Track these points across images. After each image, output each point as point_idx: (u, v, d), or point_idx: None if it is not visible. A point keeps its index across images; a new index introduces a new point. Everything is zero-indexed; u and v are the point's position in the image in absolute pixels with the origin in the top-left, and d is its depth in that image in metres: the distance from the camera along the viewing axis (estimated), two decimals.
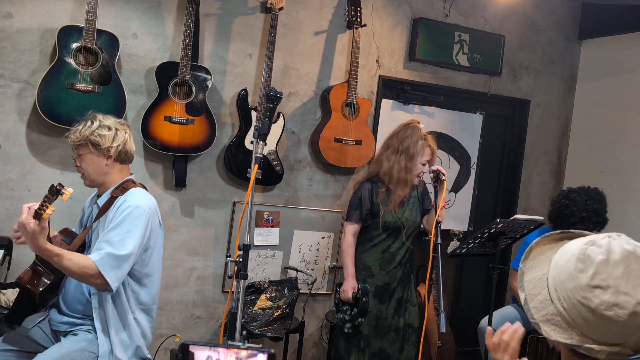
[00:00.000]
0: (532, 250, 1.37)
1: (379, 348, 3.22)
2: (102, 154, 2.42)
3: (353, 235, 3.31)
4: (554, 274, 1.27)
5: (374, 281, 3.24)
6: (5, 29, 3.21)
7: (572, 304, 1.22)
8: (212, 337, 3.84)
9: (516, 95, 4.62)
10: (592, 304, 1.19)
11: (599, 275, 1.19)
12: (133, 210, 2.34)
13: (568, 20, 4.73)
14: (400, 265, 3.25)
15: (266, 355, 1.61)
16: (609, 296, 1.17)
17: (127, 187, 2.46)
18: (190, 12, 3.36)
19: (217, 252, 3.79)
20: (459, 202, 4.48)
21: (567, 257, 1.26)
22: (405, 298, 3.29)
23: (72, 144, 2.46)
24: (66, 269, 2.22)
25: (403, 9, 4.15)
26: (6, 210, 3.30)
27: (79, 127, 2.44)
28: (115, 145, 2.43)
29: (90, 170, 2.45)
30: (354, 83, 3.79)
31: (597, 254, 1.21)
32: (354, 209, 3.31)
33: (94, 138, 2.40)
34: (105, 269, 2.24)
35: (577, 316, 1.21)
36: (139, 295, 2.47)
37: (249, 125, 3.64)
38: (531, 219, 3.31)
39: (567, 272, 1.24)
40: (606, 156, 4.47)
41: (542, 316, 1.27)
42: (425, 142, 3.25)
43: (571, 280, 1.22)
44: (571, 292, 1.22)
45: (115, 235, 2.30)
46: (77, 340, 2.38)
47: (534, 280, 1.31)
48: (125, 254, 2.28)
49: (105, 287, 2.28)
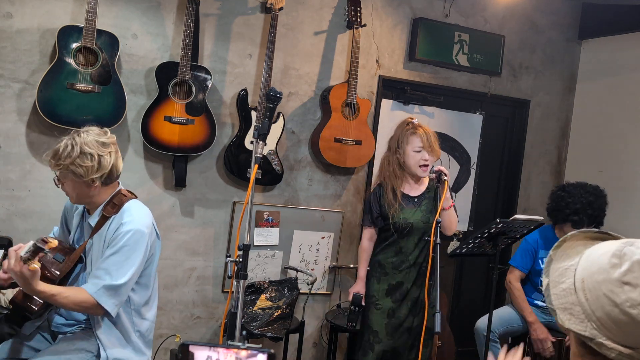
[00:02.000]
0: (566, 242, 1.37)
1: (390, 346, 3.22)
2: (85, 183, 2.25)
3: (369, 239, 3.32)
4: (584, 266, 1.28)
5: (387, 279, 3.25)
6: (5, 29, 3.21)
7: (596, 296, 1.22)
8: (212, 337, 3.84)
9: (516, 95, 4.62)
10: (619, 299, 1.18)
11: (632, 273, 1.19)
12: (133, 235, 2.24)
13: (568, 20, 4.73)
14: (414, 265, 3.23)
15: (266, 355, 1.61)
16: (637, 294, 1.17)
17: (119, 203, 2.32)
18: (190, 12, 3.36)
19: (217, 252, 3.79)
20: (459, 202, 4.48)
21: (602, 251, 1.26)
22: (422, 298, 3.28)
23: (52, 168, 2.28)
24: (63, 305, 2.19)
25: (403, 9, 4.15)
26: (6, 210, 3.30)
27: (59, 149, 2.23)
28: (99, 175, 2.24)
29: (75, 194, 2.31)
30: (354, 83, 3.79)
31: (635, 253, 1.21)
32: (365, 213, 3.37)
33: (75, 169, 2.20)
34: (103, 299, 2.19)
35: (599, 309, 1.21)
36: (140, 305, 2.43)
37: (249, 125, 3.64)
38: (531, 219, 3.31)
39: (599, 265, 1.24)
40: (606, 156, 4.47)
41: (561, 304, 1.27)
42: (411, 130, 3.22)
43: (602, 273, 1.22)
44: (599, 284, 1.22)
45: (114, 264, 2.21)
46: (73, 338, 2.37)
47: (560, 268, 1.32)
48: (122, 283, 2.21)
49: (104, 313, 2.25)
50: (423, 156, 3.19)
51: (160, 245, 2.48)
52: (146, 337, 2.47)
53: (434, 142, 3.22)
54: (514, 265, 3.79)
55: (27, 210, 3.32)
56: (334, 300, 4.10)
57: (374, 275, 3.28)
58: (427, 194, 3.30)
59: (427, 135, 3.21)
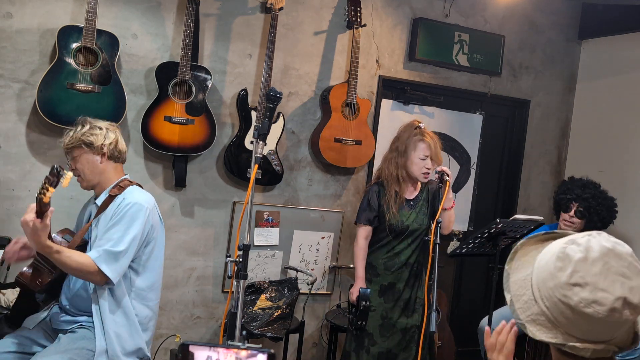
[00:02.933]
0: (517, 252, 1.38)
1: (385, 348, 3.22)
2: (96, 152, 2.49)
3: (365, 238, 3.30)
4: (536, 274, 1.28)
5: (379, 280, 3.25)
6: (5, 29, 3.21)
7: (553, 303, 1.23)
8: (212, 337, 3.84)
9: (516, 95, 4.62)
10: (572, 302, 1.19)
11: (577, 273, 1.20)
12: (132, 206, 2.42)
13: (568, 20, 4.73)
14: (406, 266, 3.24)
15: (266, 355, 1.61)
16: (587, 293, 1.18)
17: (124, 186, 2.53)
18: (190, 12, 3.36)
19: (217, 252, 3.79)
20: (459, 202, 4.48)
21: (548, 256, 1.27)
22: (414, 299, 3.28)
23: (66, 148, 2.51)
24: (65, 265, 2.26)
25: (403, 9, 4.15)
26: (6, 210, 3.30)
27: (70, 132, 2.51)
28: (107, 143, 2.50)
29: (87, 170, 2.50)
30: (353, 83, 3.78)
31: (575, 252, 1.22)
32: (362, 211, 3.32)
33: (86, 138, 2.47)
34: (103, 265, 2.31)
35: (559, 315, 1.22)
36: (142, 290, 2.51)
37: (249, 125, 3.64)
38: (531, 219, 3.31)
39: (547, 271, 1.25)
40: (606, 156, 4.46)
41: (527, 316, 1.28)
42: (419, 137, 3.22)
43: (551, 279, 1.23)
44: (552, 290, 1.23)
45: (115, 232, 2.37)
46: (75, 337, 2.38)
47: (518, 281, 1.33)
48: (122, 250, 2.35)
49: (105, 281, 2.34)
50: (427, 164, 3.21)
51: (163, 231, 2.61)
52: (144, 324, 2.53)
53: (439, 151, 3.25)
54: None
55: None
56: (334, 300, 4.10)
57: (366, 277, 3.28)
58: (421, 196, 3.32)
59: (434, 143, 3.23)
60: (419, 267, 3.31)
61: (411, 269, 3.26)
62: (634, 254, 1.22)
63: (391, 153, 3.32)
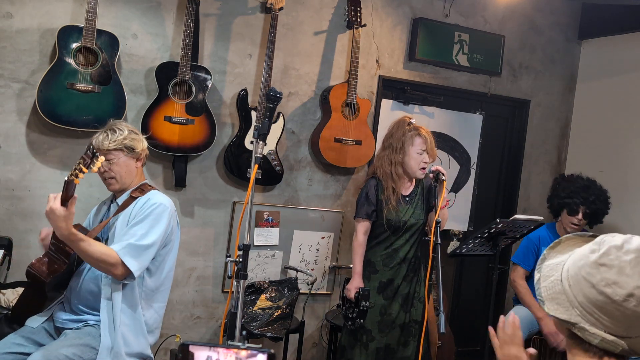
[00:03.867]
0: (561, 243, 1.42)
1: (384, 343, 3.22)
2: (135, 156, 2.57)
3: (364, 233, 3.28)
4: (571, 259, 1.33)
5: (378, 277, 3.24)
6: (5, 29, 3.21)
7: (577, 281, 1.26)
8: (212, 337, 3.84)
9: (516, 95, 4.62)
10: (594, 280, 1.22)
11: (608, 255, 1.23)
12: (157, 207, 2.48)
13: (568, 20, 4.73)
14: (404, 261, 3.24)
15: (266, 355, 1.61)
16: (611, 274, 1.21)
17: (146, 189, 2.60)
18: (190, 12, 3.36)
19: (217, 252, 3.79)
20: (459, 202, 4.48)
21: (586, 245, 1.32)
22: (412, 294, 3.28)
23: (105, 150, 2.49)
24: (88, 254, 2.28)
25: (403, 9, 4.15)
26: (6, 210, 3.30)
27: (108, 134, 2.53)
28: (144, 148, 2.62)
29: (124, 173, 2.55)
30: (353, 83, 3.79)
31: (612, 240, 1.26)
32: (360, 205, 3.29)
33: (129, 143, 2.54)
34: (127, 258, 2.33)
35: (579, 293, 1.25)
36: (151, 290, 2.52)
37: (249, 125, 3.64)
38: (531, 219, 3.31)
39: (581, 253, 1.30)
40: (606, 156, 4.46)
41: (549, 295, 1.31)
42: (415, 132, 3.23)
43: (582, 259, 1.28)
44: (579, 269, 1.27)
45: (140, 228, 2.42)
46: (81, 333, 2.39)
47: (551, 264, 1.37)
48: (147, 244, 2.39)
49: (125, 275, 2.36)
50: (424, 159, 3.22)
51: (179, 236, 2.64)
52: (150, 325, 2.52)
53: (434, 145, 3.26)
54: (516, 262, 3.78)
55: (27, 210, 3.32)
56: (334, 300, 4.10)
57: (364, 274, 3.27)
58: (416, 191, 3.33)
59: (429, 137, 3.25)
60: (417, 262, 3.31)
61: (409, 265, 3.26)
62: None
63: (384, 150, 3.30)
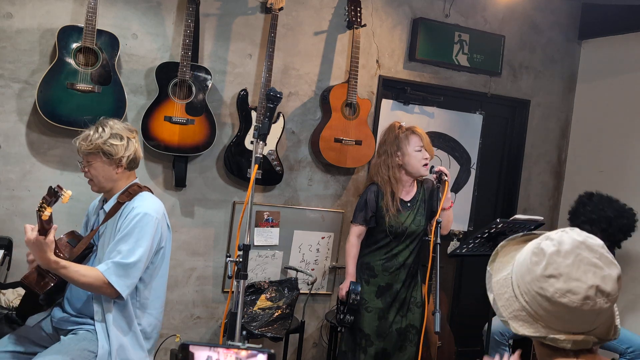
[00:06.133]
0: (498, 253, 1.45)
1: (381, 348, 3.22)
2: (114, 163, 2.42)
3: (357, 236, 3.30)
4: (516, 271, 1.35)
5: (376, 281, 3.25)
6: (5, 29, 3.21)
7: (532, 297, 1.28)
8: (212, 337, 3.84)
9: (516, 95, 4.62)
10: (548, 293, 1.25)
11: (551, 265, 1.25)
12: (142, 218, 2.35)
13: (568, 20, 4.73)
14: (403, 266, 3.25)
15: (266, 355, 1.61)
16: (561, 284, 1.24)
17: (134, 192, 2.47)
18: (190, 12, 3.36)
19: (217, 252, 3.79)
20: (459, 202, 4.48)
21: (525, 254, 1.33)
22: (410, 299, 3.29)
23: (82, 151, 2.42)
24: (73, 280, 2.24)
25: (403, 9, 4.15)
26: (6, 210, 3.30)
27: (90, 133, 2.40)
28: (127, 155, 2.43)
29: (101, 177, 2.44)
30: (354, 83, 3.79)
31: (549, 246, 1.28)
32: (359, 210, 3.31)
33: (107, 148, 2.38)
34: (113, 278, 2.26)
35: (538, 307, 1.27)
36: (146, 299, 2.48)
37: (249, 125, 3.64)
38: (531, 219, 3.31)
39: (524, 266, 1.31)
40: (606, 156, 4.46)
41: (510, 313, 1.33)
42: (408, 131, 3.25)
43: (528, 274, 1.29)
44: (529, 284, 1.28)
45: (124, 244, 2.32)
46: (77, 339, 2.37)
47: (500, 280, 1.39)
48: (133, 261, 2.30)
49: (116, 295, 2.30)
50: (424, 155, 3.22)
51: (170, 240, 2.56)
52: (148, 333, 2.50)
53: (429, 142, 3.29)
54: None
55: (27, 210, 3.32)
56: (334, 300, 4.09)
57: (362, 278, 3.27)
58: (418, 196, 3.31)
59: (424, 135, 3.28)
60: (416, 268, 3.32)
61: (408, 270, 3.27)
62: (605, 246, 1.28)
63: (380, 157, 3.31)
